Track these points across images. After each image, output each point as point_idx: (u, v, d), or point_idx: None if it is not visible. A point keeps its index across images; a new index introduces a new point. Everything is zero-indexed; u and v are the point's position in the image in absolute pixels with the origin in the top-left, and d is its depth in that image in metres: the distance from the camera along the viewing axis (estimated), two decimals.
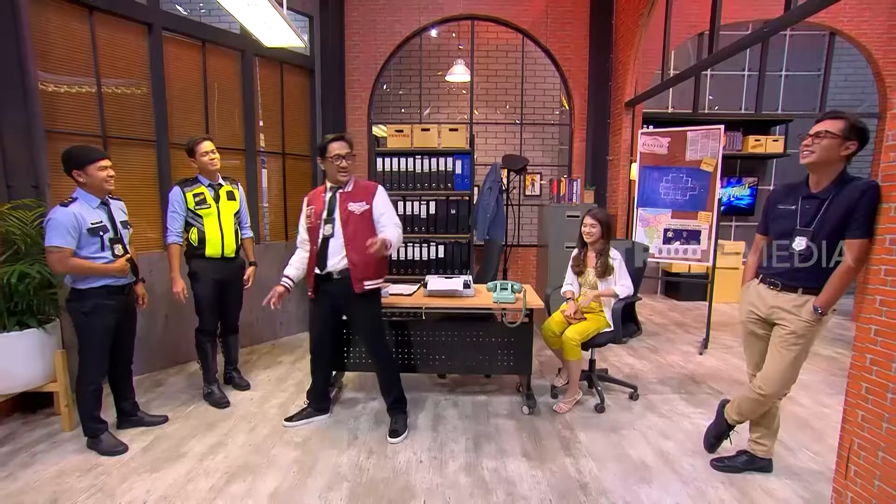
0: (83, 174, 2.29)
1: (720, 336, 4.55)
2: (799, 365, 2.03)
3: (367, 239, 2.35)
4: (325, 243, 2.47)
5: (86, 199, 2.33)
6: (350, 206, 2.45)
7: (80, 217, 2.25)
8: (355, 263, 2.45)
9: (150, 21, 3.31)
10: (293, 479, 2.20)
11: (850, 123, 1.81)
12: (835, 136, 1.81)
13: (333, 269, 2.47)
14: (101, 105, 3.16)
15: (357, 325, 2.64)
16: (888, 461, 1.74)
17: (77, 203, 2.28)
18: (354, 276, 2.46)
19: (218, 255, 2.91)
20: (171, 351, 3.62)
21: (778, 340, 2.03)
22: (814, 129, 1.88)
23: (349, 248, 2.44)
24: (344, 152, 2.44)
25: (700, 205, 4.06)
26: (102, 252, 2.33)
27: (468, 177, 3.94)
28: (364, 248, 2.36)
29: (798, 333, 1.96)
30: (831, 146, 1.83)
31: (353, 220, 2.45)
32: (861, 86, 6.27)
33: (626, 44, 4.67)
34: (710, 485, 2.19)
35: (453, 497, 2.09)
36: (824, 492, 2.09)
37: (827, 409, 2.93)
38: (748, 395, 2.18)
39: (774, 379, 2.04)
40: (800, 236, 1.94)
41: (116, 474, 2.22)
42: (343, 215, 2.45)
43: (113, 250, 2.37)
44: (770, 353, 2.08)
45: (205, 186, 2.90)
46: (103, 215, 2.37)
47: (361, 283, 2.47)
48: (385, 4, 4.95)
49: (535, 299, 2.89)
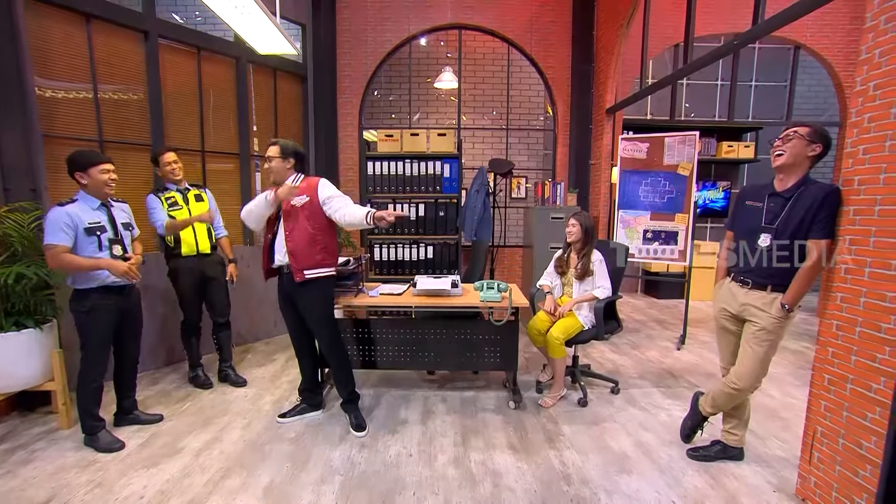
0: (85, 176, 2.35)
1: (696, 332, 4.72)
2: (769, 359, 2.13)
3: (307, 231, 2.49)
4: (272, 240, 2.59)
5: (86, 200, 2.39)
6: (293, 201, 2.52)
7: (74, 216, 2.30)
8: (293, 253, 2.52)
9: (146, 29, 3.38)
10: (287, 474, 2.26)
11: (815, 129, 1.96)
12: (802, 137, 1.95)
13: (280, 262, 2.57)
14: (98, 110, 3.22)
15: (306, 315, 2.64)
16: (848, 447, 1.87)
17: (76, 204, 2.35)
18: (294, 267, 2.52)
19: (193, 252, 3.13)
20: (167, 349, 3.67)
21: (749, 337, 2.13)
22: (782, 134, 2.02)
23: (288, 240, 2.51)
24: (266, 155, 2.53)
25: (677, 207, 4.22)
26: (100, 252, 2.38)
27: (456, 180, 4.05)
28: (301, 239, 2.49)
29: (768, 330, 2.06)
30: (799, 146, 1.96)
31: (292, 214, 2.51)
32: (823, 96, 6.59)
33: (606, 53, 4.84)
34: (686, 473, 2.30)
35: (442, 489, 2.16)
36: (791, 477, 2.21)
37: (794, 400, 3.09)
38: (723, 388, 2.27)
39: (747, 374, 2.14)
40: (764, 233, 2.05)
41: (114, 470, 2.27)
42: (285, 211, 2.53)
43: (111, 251, 2.42)
44: (742, 349, 2.17)
45: (174, 191, 3.11)
46: (103, 216, 2.43)
47: (302, 273, 2.53)
48: (375, 14, 5.06)
49: (520, 298, 3.00)
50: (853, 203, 1.86)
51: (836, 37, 5.56)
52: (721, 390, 2.29)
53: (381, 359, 3.10)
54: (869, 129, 1.80)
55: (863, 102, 1.84)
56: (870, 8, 1.80)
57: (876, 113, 1.78)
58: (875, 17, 1.78)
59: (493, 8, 5.12)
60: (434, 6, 5.08)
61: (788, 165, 2.00)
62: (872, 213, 1.78)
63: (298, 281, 2.53)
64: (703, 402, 2.42)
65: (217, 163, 4.03)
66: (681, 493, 2.16)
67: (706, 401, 2.40)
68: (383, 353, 3.09)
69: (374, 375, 3.46)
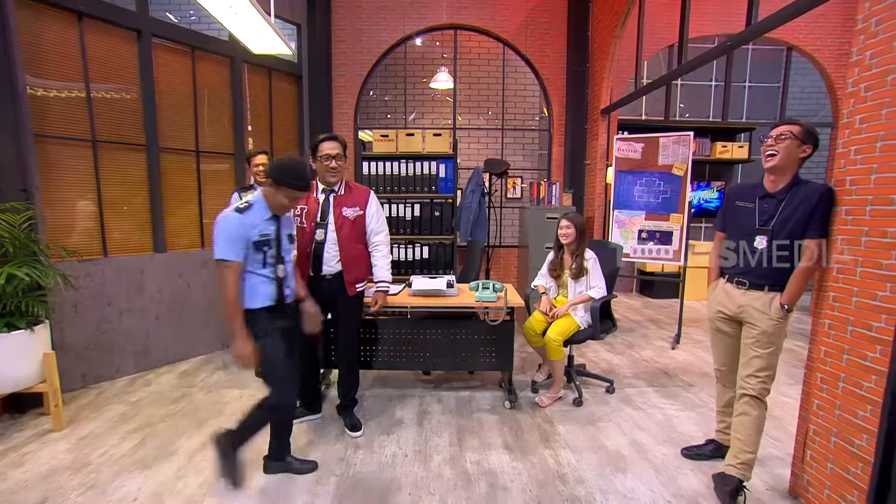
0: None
1: (691, 332, 4.74)
2: (775, 363, 2.07)
3: (359, 243, 2.50)
4: (319, 247, 2.48)
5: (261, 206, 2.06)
6: (344, 210, 2.48)
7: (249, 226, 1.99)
8: (348, 267, 2.51)
9: (139, 28, 3.36)
10: (282, 475, 2.25)
11: (806, 129, 1.95)
12: (796, 137, 1.93)
13: (328, 272, 2.51)
14: (91, 109, 3.19)
15: (343, 323, 2.65)
16: (840, 445, 1.89)
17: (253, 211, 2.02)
18: (347, 280, 2.52)
19: None
20: (162, 351, 3.65)
21: (751, 342, 2.08)
22: (773, 132, 1.99)
23: (343, 252, 2.49)
24: (334, 153, 2.41)
25: (672, 207, 4.24)
26: (264, 269, 2.06)
27: (451, 180, 4.05)
28: (355, 252, 2.48)
29: (769, 332, 2.04)
30: (791, 147, 1.94)
31: (346, 225, 2.49)
32: (816, 97, 6.65)
33: (601, 54, 4.86)
34: (680, 472, 2.31)
35: (438, 489, 2.16)
36: (784, 475, 2.22)
37: (787, 399, 3.11)
38: (740, 418, 2.09)
39: (759, 378, 2.06)
40: (760, 235, 2.04)
41: (107, 472, 2.26)
42: (338, 221, 2.48)
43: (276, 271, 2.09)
44: (745, 353, 2.11)
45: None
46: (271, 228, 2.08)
47: (353, 286, 2.54)
48: (371, 14, 5.06)
49: (515, 298, 3.01)
50: (845, 203, 1.88)
51: (827, 39, 5.64)
52: (740, 421, 2.09)
53: (376, 359, 3.09)
54: (860, 130, 1.82)
55: (854, 104, 1.85)
56: (860, 10, 1.82)
57: (867, 114, 1.80)
58: (866, 20, 1.80)
59: (489, 8, 5.13)
60: (429, 6, 5.08)
61: (780, 167, 1.99)
62: (864, 213, 1.80)
63: (350, 294, 2.54)
64: (730, 461, 2.11)
65: (212, 163, 4.00)
66: (675, 491, 2.17)
67: (731, 457, 2.11)
68: (378, 353, 3.08)
69: (369, 376, 3.45)
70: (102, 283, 3.27)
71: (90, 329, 3.22)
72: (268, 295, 2.05)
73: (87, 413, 2.87)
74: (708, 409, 2.97)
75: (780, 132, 1.97)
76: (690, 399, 3.16)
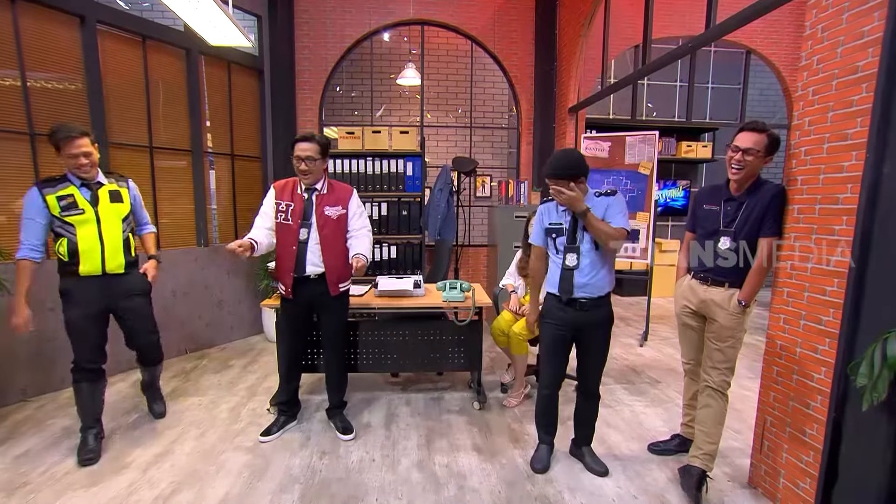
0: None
1: (658, 328, 4.86)
2: (735, 356, 2.16)
3: (341, 242, 2.46)
4: (303, 247, 2.43)
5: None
6: (326, 210, 2.45)
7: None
8: (331, 267, 2.47)
9: (82, 13, 3.14)
10: (244, 484, 2.17)
11: (771, 139, 2.00)
12: (760, 154, 2.00)
13: (312, 272, 2.46)
14: (28, 100, 2.96)
15: (328, 325, 2.63)
16: (793, 435, 1.96)
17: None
18: (330, 280, 2.48)
19: (98, 271, 2.33)
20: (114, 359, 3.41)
21: (712, 336, 2.18)
22: (741, 142, 2.02)
23: (325, 252, 2.45)
24: (304, 155, 2.36)
25: (638, 206, 4.31)
26: None
27: (419, 179, 4.01)
28: (338, 251, 2.44)
29: (728, 326, 2.12)
30: (756, 164, 2.02)
31: (328, 225, 2.45)
32: (773, 100, 6.93)
33: (569, 52, 4.90)
34: (647, 467, 2.36)
35: (406, 494, 2.13)
36: (744, 466, 2.30)
37: (748, 392, 3.22)
38: (703, 410, 2.17)
39: (719, 370, 2.15)
40: (724, 236, 2.12)
41: (48, 492, 2.10)
42: (319, 220, 2.44)
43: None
44: (707, 347, 2.21)
45: (76, 187, 2.32)
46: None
47: (337, 286, 2.51)
48: (335, 6, 4.92)
49: (483, 298, 2.99)
50: (797, 202, 1.95)
51: (782, 43, 5.88)
52: (705, 413, 2.17)
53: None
54: (809, 132, 1.89)
55: (803, 106, 1.93)
56: (808, 17, 1.89)
57: (815, 116, 1.87)
58: (813, 26, 1.87)
59: (456, 4, 5.08)
60: (396, 0, 4.99)
61: (744, 179, 2.07)
62: (814, 212, 1.86)
63: (334, 294, 2.49)
64: (694, 453, 2.18)
65: (168, 160, 3.81)
66: (641, 486, 2.21)
67: (694, 449, 2.19)
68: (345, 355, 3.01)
69: None
70: (45, 287, 3.03)
71: (31, 337, 2.98)
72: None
73: (24, 429, 2.68)
74: (674, 405, 3.04)
75: (747, 146, 1.99)
76: (657, 395, 3.23)
